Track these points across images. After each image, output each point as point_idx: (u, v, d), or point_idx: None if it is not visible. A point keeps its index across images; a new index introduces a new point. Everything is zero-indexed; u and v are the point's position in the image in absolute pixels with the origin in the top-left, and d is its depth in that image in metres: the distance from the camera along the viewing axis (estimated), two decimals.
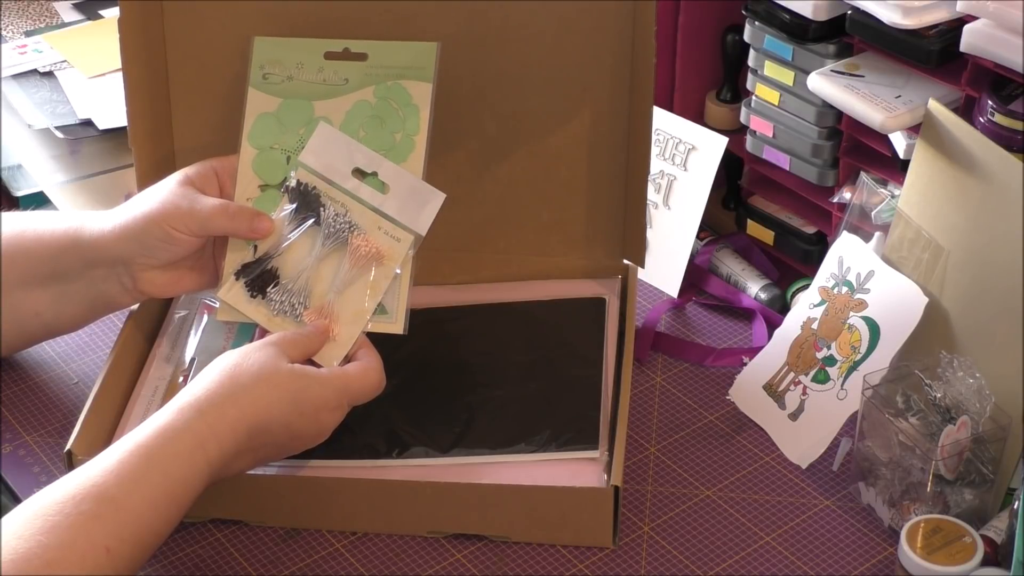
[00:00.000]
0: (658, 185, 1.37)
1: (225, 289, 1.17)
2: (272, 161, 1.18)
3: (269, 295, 1.16)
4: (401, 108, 1.17)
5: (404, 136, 1.17)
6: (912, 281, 1.17)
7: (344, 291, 1.15)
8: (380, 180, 1.16)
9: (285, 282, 1.16)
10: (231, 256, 1.17)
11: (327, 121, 1.17)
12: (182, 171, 1.17)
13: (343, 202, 1.16)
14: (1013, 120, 1.12)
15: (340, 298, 1.15)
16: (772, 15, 1.26)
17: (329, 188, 1.16)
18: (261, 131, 1.19)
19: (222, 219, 1.15)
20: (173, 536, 1.13)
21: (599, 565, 1.11)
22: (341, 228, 1.15)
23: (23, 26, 1.68)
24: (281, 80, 1.19)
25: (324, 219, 1.16)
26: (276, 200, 1.17)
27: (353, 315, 1.14)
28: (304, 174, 1.17)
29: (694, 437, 1.23)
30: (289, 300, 1.15)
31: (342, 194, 1.16)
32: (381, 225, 1.16)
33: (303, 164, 1.17)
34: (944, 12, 1.15)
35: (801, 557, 1.11)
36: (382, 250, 1.15)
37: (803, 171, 1.31)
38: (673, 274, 1.37)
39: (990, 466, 1.09)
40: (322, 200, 1.16)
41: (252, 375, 1.06)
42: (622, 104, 1.24)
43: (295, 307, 1.15)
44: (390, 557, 1.12)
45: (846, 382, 1.18)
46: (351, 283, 1.15)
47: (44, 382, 1.27)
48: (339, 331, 1.14)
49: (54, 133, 1.48)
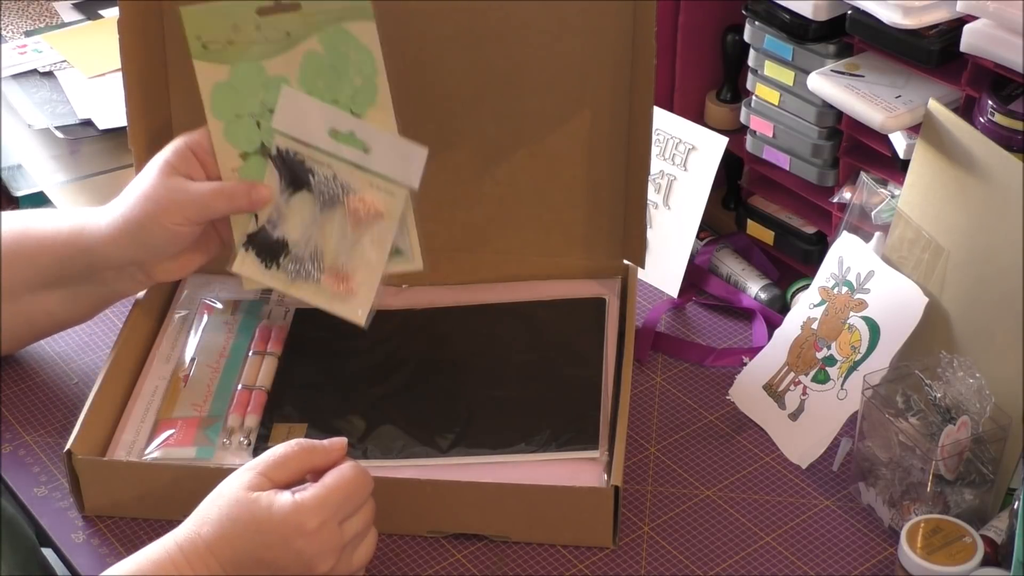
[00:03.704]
0: (658, 185, 1.37)
1: (238, 263, 1.17)
2: (243, 129, 1.17)
3: (283, 265, 1.17)
4: (351, 52, 1.15)
5: (363, 79, 1.15)
6: (912, 281, 1.17)
7: (352, 250, 1.16)
8: (360, 140, 1.15)
9: (295, 250, 1.17)
10: (235, 230, 1.18)
11: (286, 82, 1.16)
12: (161, 160, 1.15)
13: (329, 164, 1.15)
14: (1013, 120, 1.12)
15: (351, 257, 1.16)
16: (772, 15, 1.26)
17: (311, 152, 1.15)
18: (221, 102, 1.17)
19: (221, 202, 1.14)
20: None
21: (599, 565, 1.11)
22: (334, 191, 1.16)
23: (23, 26, 1.68)
24: (222, 46, 1.16)
25: (315, 185, 1.16)
26: (261, 165, 1.17)
27: (368, 266, 1.16)
28: (283, 140, 1.16)
29: (694, 437, 1.22)
30: (304, 267, 1.16)
31: (325, 156, 1.15)
32: (373, 182, 1.15)
33: (278, 131, 1.16)
34: (944, 12, 1.15)
35: (801, 557, 1.11)
36: (380, 208, 1.15)
37: (803, 171, 1.31)
38: (673, 274, 1.37)
39: (990, 466, 1.09)
40: (308, 165, 1.16)
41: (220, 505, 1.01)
42: (622, 104, 1.24)
43: (311, 272, 1.16)
44: (390, 557, 1.12)
45: (846, 382, 1.18)
46: (357, 241, 1.16)
47: (44, 382, 1.27)
48: (357, 285, 1.15)
49: (54, 133, 1.48)
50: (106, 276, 1.18)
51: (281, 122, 1.16)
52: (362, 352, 1.24)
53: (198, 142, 1.16)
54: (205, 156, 1.16)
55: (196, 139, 1.16)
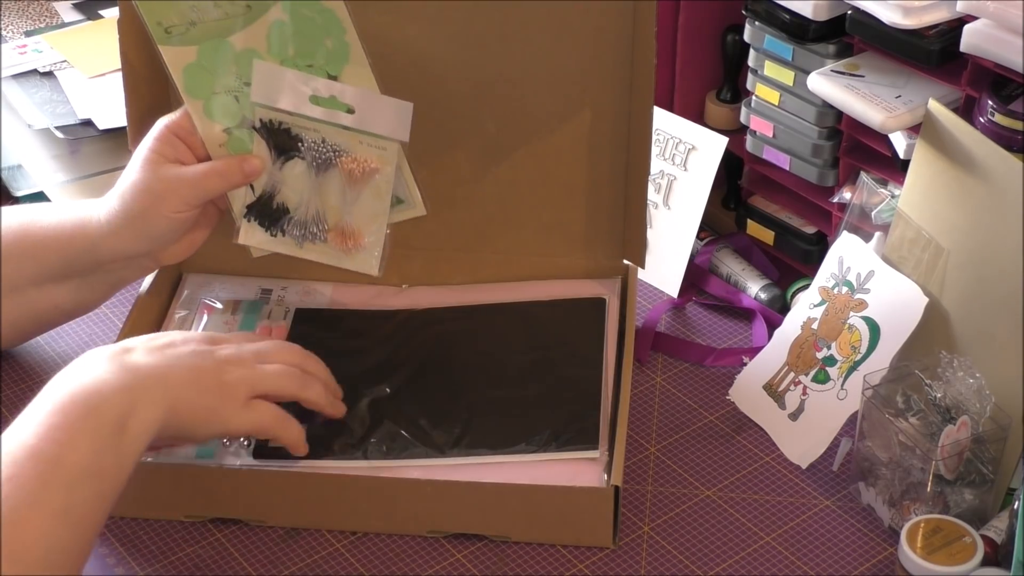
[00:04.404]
0: (658, 185, 1.37)
1: (243, 235, 1.19)
2: (222, 105, 1.17)
3: (287, 230, 1.18)
4: (316, 15, 1.14)
5: (334, 40, 1.14)
6: (912, 281, 1.17)
7: (354, 207, 1.17)
8: (343, 103, 1.15)
9: (296, 216, 1.18)
10: (234, 203, 1.19)
11: (256, 55, 1.15)
12: (146, 149, 1.15)
13: (316, 129, 1.15)
14: (1013, 120, 1.12)
15: (353, 213, 1.17)
16: (772, 15, 1.26)
17: (295, 120, 1.16)
18: (195, 83, 1.16)
19: (216, 180, 1.15)
20: (173, 536, 1.13)
21: (599, 565, 1.11)
22: (326, 154, 1.16)
23: (23, 26, 1.68)
24: (185, 29, 1.15)
25: (306, 151, 1.16)
26: (248, 137, 1.17)
27: (372, 219, 1.17)
28: (265, 112, 1.16)
29: (694, 437, 1.23)
30: (308, 229, 1.18)
31: (311, 122, 1.15)
32: (362, 140, 1.15)
33: (259, 104, 1.15)
34: (944, 12, 1.15)
35: (801, 557, 1.11)
36: (374, 165, 1.16)
37: (803, 171, 1.31)
38: (673, 274, 1.37)
39: (990, 466, 1.09)
40: (294, 132, 1.16)
41: None
42: (622, 104, 1.24)
43: (316, 234, 1.18)
44: (390, 557, 1.12)
45: (846, 382, 1.18)
46: (357, 198, 1.17)
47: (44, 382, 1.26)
48: (365, 239, 1.17)
49: (54, 133, 1.48)
50: (112, 267, 1.18)
51: (259, 95, 1.15)
52: (362, 352, 1.24)
53: (180, 124, 1.16)
54: (190, 137, 1.16)
55: (177, 122, 1.16)
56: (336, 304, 1.29)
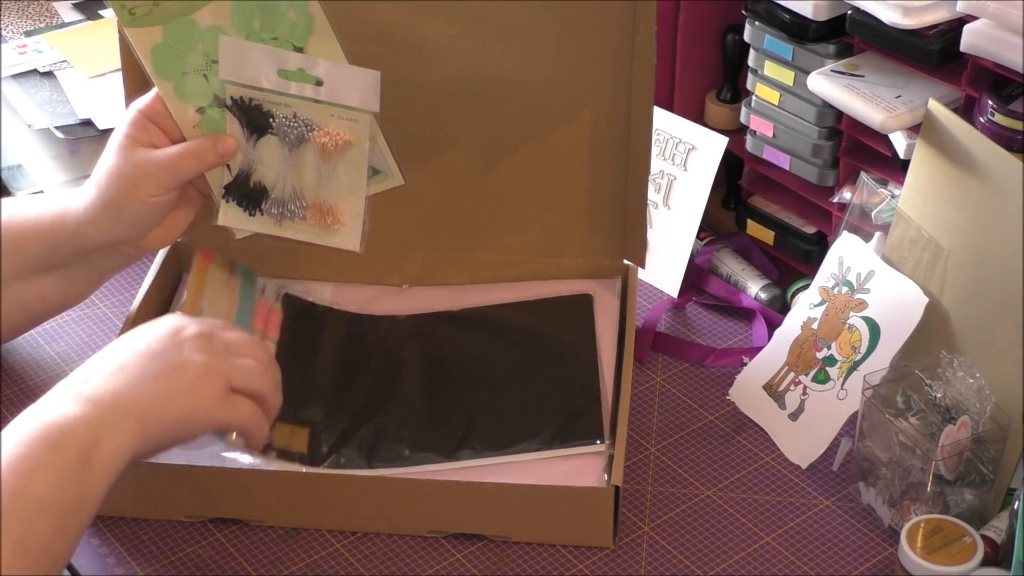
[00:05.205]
0: (658, 185, 1.37)
1: (222, 215, 1.17)
2: (192, 85, 1.15)
3: (265, 209, 1.17)
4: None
5: (296, 11, 1.13)
6: (912, 281, 1.17)
7: (330, 183, 1.16)
8: (311, 76, 1.13)
9: (274, 194, 1.17)
10: (211, 184, 1.17)
11: (222, 31, 1.13)
12: (121, 136, 1.14)
13: (286, 103, 1.14)
14: (1013, 120, 1.12)
15: (330, 189, 1.16)
16: (772, 15, 1.26)
17: (265, 95, 1.14)
18: (163, 63, 1.14)
19: (190, 162, 1.13)
20: (173, 536, 1.13)
21: (599, 565, 1.11)
22: (298, 130, 1.15)
23: (23, 26, 1.68)
24: (148, 9, 1.13)
25: (278, 127, 1.15)
26: (220, 116, 1.15)
27: (350, 194, 1.16)
28: (235, 89, 1.14)
29: (694, 437, 1.23)
30: (286, 207, 1.16)
31: (281, 97, 1.14)
32: (334, 113, 1.14)
33: (228, 81, 1.14)
34: (944, 12, 1.15)
35: (801, 557, 1.11)
36: (346, 137, 1.15)
37: (803, 171, 1.31)
38: (673, 274, 1.37)
39: (990, 466, 1.09)
40: (266, 108, 1.15)
41: None
42: (622, 104, 1.24)
43: (295, 212, 1.17)
44: (390, 557, 1.12)
45: (846, 382, 1.18)
46: (333, 173, 1.16)
47: (44, 382, 1.27)
48: (344, 215, 1.16)
49: (54, 133, 1.48)
50: (96, 256, 1.17)
51: (228, 72, 1.14)
52: (358, 352, 1.24)
53: (151, 107, 1.14)
54: (162, 119, 1.15)
55: (149, 105, 1.15)
56: (337, 304, 1.29)
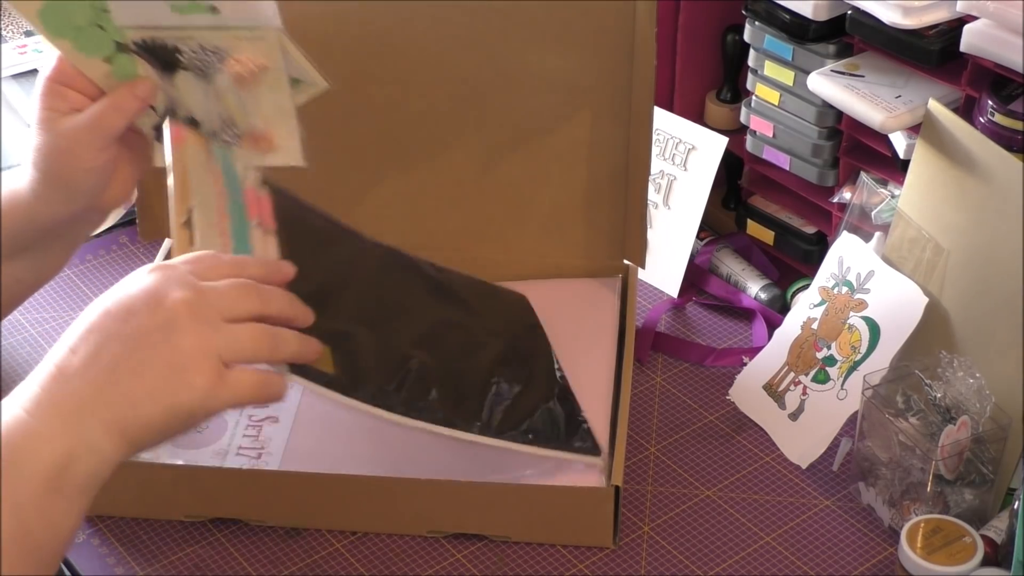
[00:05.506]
0: (658, 185, 1.37)
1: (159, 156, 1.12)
2: (90, 37, 1.10)
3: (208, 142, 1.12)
4: None
5: None
6: (912, 281, 1.17)
7: (257, 108, 1.11)
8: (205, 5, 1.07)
9: (205, 127, 1.12)
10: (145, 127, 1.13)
11: None
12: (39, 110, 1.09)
13: (187, 36, 1.09)
14: (1013, 120, 1.12)
15: (257, 115, 1.11)
16: (772, 15, 1.26)
17: (164, 32, 1.09)
18: (53, 23, 1.09)
19: (114, 116, 1.09)
20: (173, 536, 1.13)
21: (599, 565, 1.11)
22: (208, 60, 1.10)
23: (23, 26, 1.68)
24: None
25: (188, 61, 1.10)
26: (130, 61, 1.10)
27: (278, 114, 1.10)
28: (135, 33, 1.09)
29: (694, 437, 1.23)
30: (220, 137, 1.11)
31: (179, 32, 1.09)
32: (239, 35, 1.09)
33: (124, 26, 1.09)
34: (944, 12, 1.15)
35: (801, 557, 1.11)
36: (259, 61, 1.09)
37: (803, 171, 1.31)
38: (673, 274, 1.37)
39: (990, 466, 1.09)
40: (171, 45, 1.10)
41: None
42: (622, 104, 1.24)
43: (230, 142, 1.11)
44: (390, 557, 1.12)
45: (846, 382, 1.18)
46: (255, 98, 1.10)
47: None
48: (278, 136, 1.10)
49: None
50: (60, 231, 1.14)
51: (121, 18, 1.09)
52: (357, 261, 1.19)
53: (60, 72, 1.09)
54: (76, 81, 1.10)
55: (57, 69, 1.09)
56: None
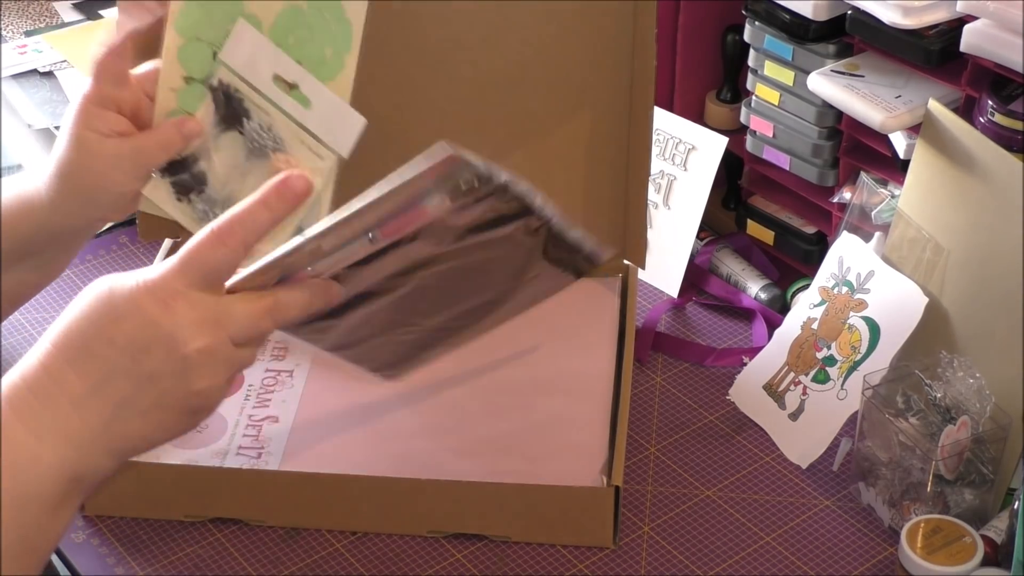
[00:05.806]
0: (658, 185, 1.37)
1: (150, 187, 1.11)
2: (198, 53, 1.10)
3: (193, 201, 1.11)
4: (333, 22, 1.10)
5: (334, 53, 1.10)
6: (912, 281, 1.17)
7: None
8: (303, 94, 1.09)
9: (210, 191, 1.11)
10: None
11: (252, 21, 1.09)
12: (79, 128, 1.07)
13: (266, 110, 1.09)
14: (1013, 120, 1.12)
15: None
16: (772, 15, 1.26)
17: (251, 93, 1.10)
18: (188, 19, 1.09)
19: (157, 151, 1.09)
20: (173, 536, 1.13)
21: (599, 565, 1.11)
22: (264, 141, 1.10)
23: (23, 26, 1.68)
24: None
25: (248, 130, 1.10)
26: (200, 94, 1.10)
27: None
28: (226, 74, 1.10)
29: (694, 437, 1.23)
30: (213, 210, 1.10)
31: (264, 101, 1.09)
32: (304, 139, 1.09)
33: (224, 63, 1.09)
34: (944, 12, 1.15)
35: (801, 557, 1.11)
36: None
37: (803, 171, 1.31)
38: (673, 274, 1.37)
39: (990, 466, 1.09)
40: (246, 106, 1.10)
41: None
42: (622, 104, 1.24)
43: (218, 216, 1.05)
44: (390, 557, 1.12)
45: (846, 382, 1.18)
46: None
47: None
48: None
49: (54, 133, 1.48)
50: (70, 237, 1.14)
51: (229, 55, 1.09)
52: None
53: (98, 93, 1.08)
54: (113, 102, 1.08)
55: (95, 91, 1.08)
56: None
